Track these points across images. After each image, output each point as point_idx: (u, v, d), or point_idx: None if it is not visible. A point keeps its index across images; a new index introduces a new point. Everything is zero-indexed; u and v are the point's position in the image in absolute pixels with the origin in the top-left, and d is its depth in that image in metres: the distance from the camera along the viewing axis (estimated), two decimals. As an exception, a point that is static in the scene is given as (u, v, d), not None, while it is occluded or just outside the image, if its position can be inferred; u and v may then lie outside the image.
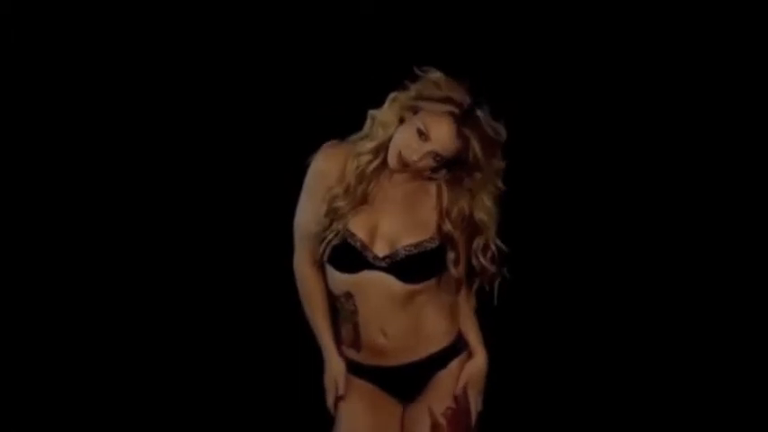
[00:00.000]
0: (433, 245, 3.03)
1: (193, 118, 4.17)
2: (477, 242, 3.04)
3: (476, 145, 2.95)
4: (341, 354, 3.17)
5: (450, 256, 3.05)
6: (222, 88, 4.15)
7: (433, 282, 3.08)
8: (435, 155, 2.98)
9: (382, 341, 3.07)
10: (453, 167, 3.04)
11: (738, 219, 4.18)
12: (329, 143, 3.12)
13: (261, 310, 4.18)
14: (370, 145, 3.03)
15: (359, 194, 3.04)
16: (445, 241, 3.04)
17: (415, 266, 3.02)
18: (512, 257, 3.11)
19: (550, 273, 4.17)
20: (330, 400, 3.19)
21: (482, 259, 3.05)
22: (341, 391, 3.17)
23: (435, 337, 3.13)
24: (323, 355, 3.20)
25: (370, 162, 3.03)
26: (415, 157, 2.97)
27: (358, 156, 3.04)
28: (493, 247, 3.05)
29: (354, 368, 3.16)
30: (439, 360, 3.13)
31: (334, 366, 3.18)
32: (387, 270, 3.01)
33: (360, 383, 3.17)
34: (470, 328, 3.18)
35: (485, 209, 3.03)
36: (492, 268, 3.06)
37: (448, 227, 3.04)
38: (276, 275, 3.44)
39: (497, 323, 3.27)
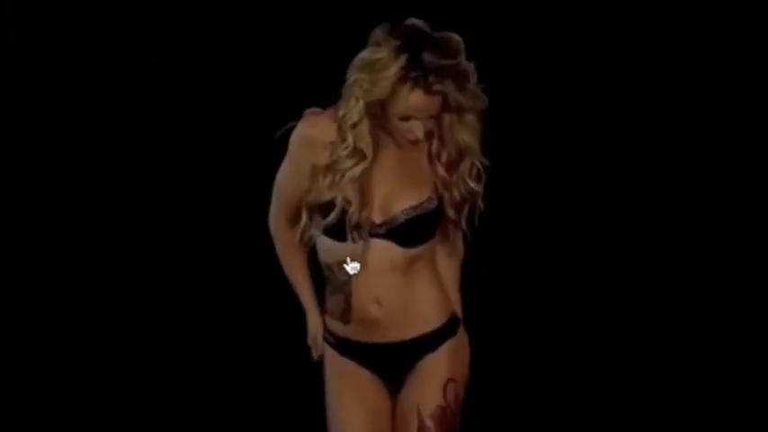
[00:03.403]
0: (433, 205, 2.97)
1: (192, 117, 4.18)
2: (464, 165, 2.97)
3: (449, 86, 2.84)
4: (322, 314, 3.13)
5: (448, 205, 2.98)
6: (220, 86, 4.16)
7: (428, 247, 3.02)
8: (425, 119, 2.89)
9: (375, 312, 3.00)
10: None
11: (736, 219, 4.18)
12: (312, 110, 3.03)
13: (260, 307, 4.19)
14: (353, 104, 2.89)
15: (360, 152, 2.92)
16: (443, 195, 2.97)
17: (413, 230, 2.96)
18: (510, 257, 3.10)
19: (547, 271, 4.18)
20: (314, 356, 3.19)
21: (469, 181, 2.97)
22: (320, 351, 3.15)
23: (428, 314, 3.07)
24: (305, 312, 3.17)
25: (361, 118, 2.89)
26: (419, 136, 2.89)
27: (344, 116, 2.90)
28: (478, 165, 2.98)
29: (342, 346, 3.09)
30: (430, 341, 3.07)
31: (313, 324, 3.16)
32: (384, 237, 2.95)
33: (348, 369, 3.09)
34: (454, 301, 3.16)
35: (469, 129, 2.94)
36: (477, 187, 2.98)
37: (441, 172, 2.97)
38: (274, 274, 3.44)
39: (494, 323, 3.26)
